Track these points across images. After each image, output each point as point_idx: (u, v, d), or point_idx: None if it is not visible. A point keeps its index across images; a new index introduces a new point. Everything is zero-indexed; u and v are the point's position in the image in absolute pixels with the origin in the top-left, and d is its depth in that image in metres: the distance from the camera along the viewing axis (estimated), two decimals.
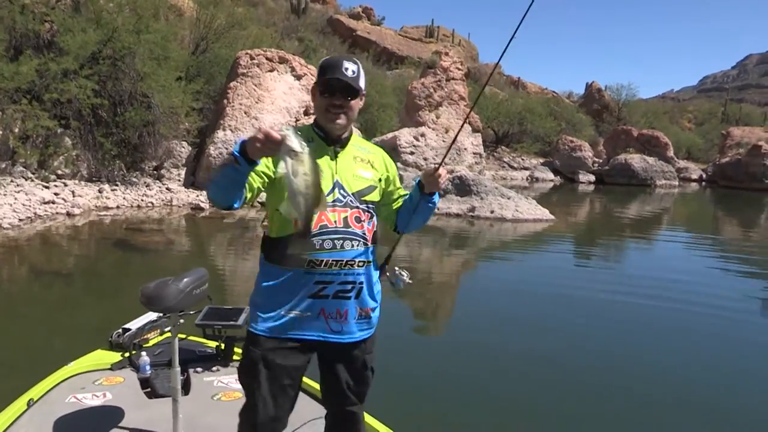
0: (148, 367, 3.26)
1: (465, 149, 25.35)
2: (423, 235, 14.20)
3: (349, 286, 2.33)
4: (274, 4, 49.77)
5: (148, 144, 17.82)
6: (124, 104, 17.30)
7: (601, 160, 41.04)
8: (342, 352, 2.43)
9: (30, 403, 3.24)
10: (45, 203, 14.00)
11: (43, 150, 16.00)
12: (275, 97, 19.45)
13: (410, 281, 2.59)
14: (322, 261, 2.27)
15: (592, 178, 38.99)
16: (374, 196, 2.43)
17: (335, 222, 2.29)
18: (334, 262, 2.29)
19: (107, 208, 15.11)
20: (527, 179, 38.34)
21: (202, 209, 15.83)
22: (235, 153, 2.09)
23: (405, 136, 24.29)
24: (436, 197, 2.53)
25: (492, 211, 17.19)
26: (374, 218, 2.45)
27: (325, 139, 2.40)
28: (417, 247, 12.95)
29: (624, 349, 6.79)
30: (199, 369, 3.83)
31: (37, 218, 13.15)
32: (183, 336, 4.11)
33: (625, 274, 11.51)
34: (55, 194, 14.69)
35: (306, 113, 19.95)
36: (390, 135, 24.98)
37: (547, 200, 22.39)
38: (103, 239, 12.34)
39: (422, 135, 24.64)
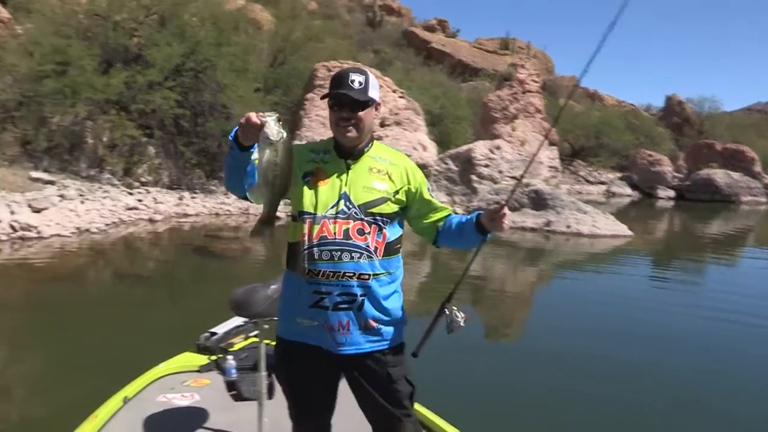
0: (234, 371, 3.33)
1: (541, 162, 24.95)
2: (496, 248, 14.02)
3: (348, 298, 2.28)
4: (349, 17, 50.42)
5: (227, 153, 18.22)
6: (205, 115, 17.83)
7: (681, 175, 39.64)
8: (356, 364, 2.37)
9: (125, 401, 3.38)
10: (129, 209, 14.53)
11: (128, 158, 16.67)
12: None
13: (464, 324, 2.41)
14: (320, 271, 2.27)
15: (672, 193, 37.69)
16: (385, 208, 2.34)
17: (335, 234, 2.27)
18: (332, 273, 2.26)
19: (187, 215, 15.56)
20: (603, 194, 37.40)
21: (277, 218, 16.06)
22: (230, 138, 2.21)
23: (480, 148, 24.06)
24: (490, 233, 2.42)
25: (568, 226, 16.82)
26: (385, 230, 2.34)
27: (339, 151, 2.40)
28: (491, 260, 12.78)
29: (704, 373, 6.49)
30: None
31: (121, 223, 13.65)
32: (268, 341, 4.15)
33: (706, 294, 11.02)
34: (139, 200, 15.23)
35: (382, 125, 20.08)
36: (465, 147, 24.81)
37: (624, 215, 21.74)
38: (183, 245, 12.70)
39: (497, 148, 24.35)
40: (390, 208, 2.35)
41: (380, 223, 2.32)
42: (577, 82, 3.01)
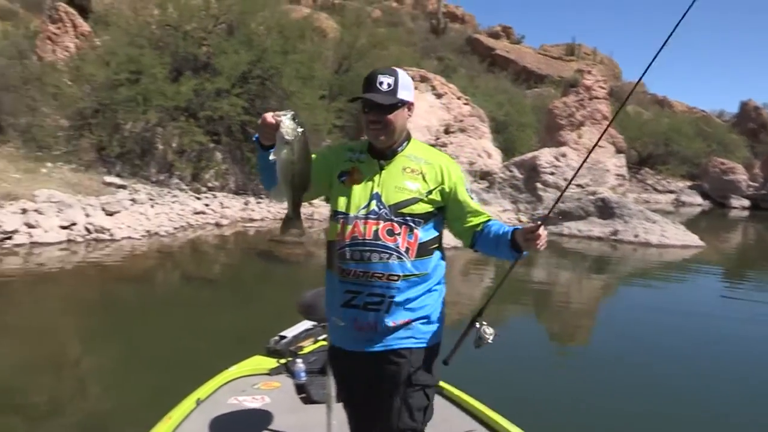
0: (303, 374, 3.40)
1: (607, 171, 24.37)
2: (561, 258, 13.80)
3: (378, 299, 2.26)
4: (413, 25, 50.53)
5: None
6: None
7: (757, 184, 38.04)
8: (379, 363, 2.31)
9: (198, 402, 3.46)
10: (196, 213, 14.89)
11: (196, 164, 17.10)
12: (416, 116, 19.52)
13: (491, 341, 2.33)
14: (351, 271, 2.27)
15: (747, 203, 36.21)
16: (417, 209, 2.29)
17: (365, 234, 2.25)
18: (361, 273, 2.25)
19: (252, 220, 15.84)
20: (672, 203, 36.26)
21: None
22: (254, 138, 2.26)
23: (545, 156, 23.68)
24: (525, 252, 2.31)
25: (636, 236, 16.36)
26: (417, 230, 2.29)
27: (373, 152, 2.39)
28: (555, 269, 12.57)
29: None
30: None
31: (189, 227, 14.00)
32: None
33: None
34: (206, 205, 15.60)
35: (447, 131, 20.02)
36: (530, 155, 24.46)
37: (695, 225, 21.02)
38: (248, 249, 12.93)
39: (563, 155, 23.92)
40: (422, 208, 2.30)
41: (411, 224, 2.28)
42: (639, 79, 2.84)
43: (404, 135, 2.40)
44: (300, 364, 3.44)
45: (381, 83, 2.28)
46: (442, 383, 3.66)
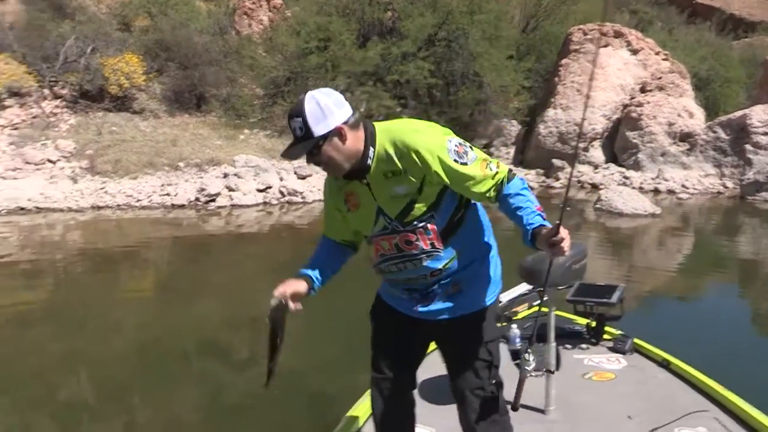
0: (518, 340, 3.35)
1: None
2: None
3: (430, 291, 2.28)
4: None
5: (479, 122, 18.09)
6: (457, 84, 17.74)
7: None
8: (437, 331, 2.36)
9: None
10: None
11: None
12: (609, 74, 18.28)
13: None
14: (398, 279, 2.30)
15: None
16: (418, 211, 2.16)
17: (388, 249, 2.24)
18: (409, 279, 2.28)
19: None
20: None
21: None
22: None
23: (758, 114, 21.06)
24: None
25: None
26: (430, 225, 2.18)
27: (350, 176, 2.20)
28: (764, 240, 11.09)
29: None
30: (568, 346, 3.75)
31: None
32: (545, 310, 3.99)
33: None
34: None
35: (642, 90, 18.50)
36: (739, 113, 21.92)
37: None
38: None
39: None
40: (421, 207, 2.16)
41: (424, 223, 2.18)
42: None
43: (363, 148, 2.14)
44: (515, 329, 3.36)
45: (294, 129, 2.11)
46: (668, 357, 3.59)
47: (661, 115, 17.98)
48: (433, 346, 2.62)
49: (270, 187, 12.43)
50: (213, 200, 11.75)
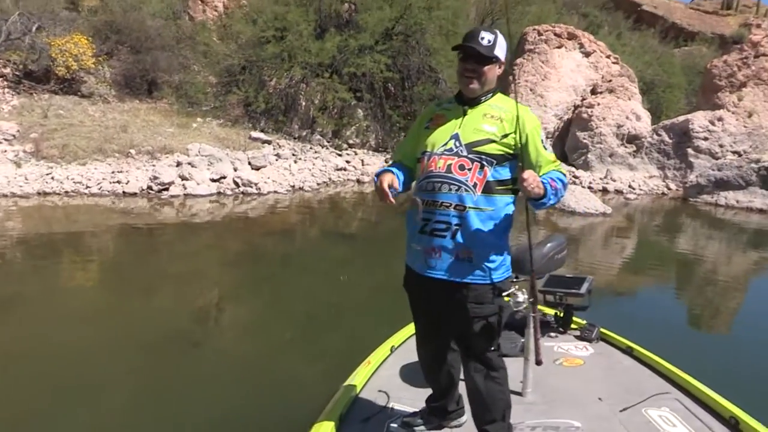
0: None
1: None
2: (715, 229, 12.73)
3: (443, 226, 2.49)
4: None
5: None
6: (412, 79, 17.82)
7: None
8: (445, 292, 2.55)
9: (392, 349, 3.76)
10: (338, 170, 14.91)
11: (337, 120, 17.13)
12: (562, 75, 18.64)
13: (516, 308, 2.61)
14: (424, 201, 2.52)
15: None
16: (489, 149, 2.47)
17: (439, 168, 2.49)
18: (431, 202, 2.51)
19: None
20: None
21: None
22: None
23: (699, 119, 21.81)
24: (542, 202, 2.45)
25: None
26: (487, 168, 2.46)
27: (459, 100, 2.62)
28: (704, 240, 11.56)
29: None
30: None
31: (331, 183, 14.04)
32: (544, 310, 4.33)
33: None
34: (347, 162, 15.60)
35: (594, 92, 18.90)
36: (682, 118, 22.62)
37: None
38: (388, 208, 12.72)
39: (719, 119, 21.92)
40: (495, 148, 2.47)
41: (483, 162, 2.46)
42: None
43: (491, 89, 2.59)
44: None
45: (482, 38, 2.49)
46: (631, 344, 3.85)
47: (610, 117, 18.42)
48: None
49: (224, 177, 12.24)
50: (166, 189, 11.51)
